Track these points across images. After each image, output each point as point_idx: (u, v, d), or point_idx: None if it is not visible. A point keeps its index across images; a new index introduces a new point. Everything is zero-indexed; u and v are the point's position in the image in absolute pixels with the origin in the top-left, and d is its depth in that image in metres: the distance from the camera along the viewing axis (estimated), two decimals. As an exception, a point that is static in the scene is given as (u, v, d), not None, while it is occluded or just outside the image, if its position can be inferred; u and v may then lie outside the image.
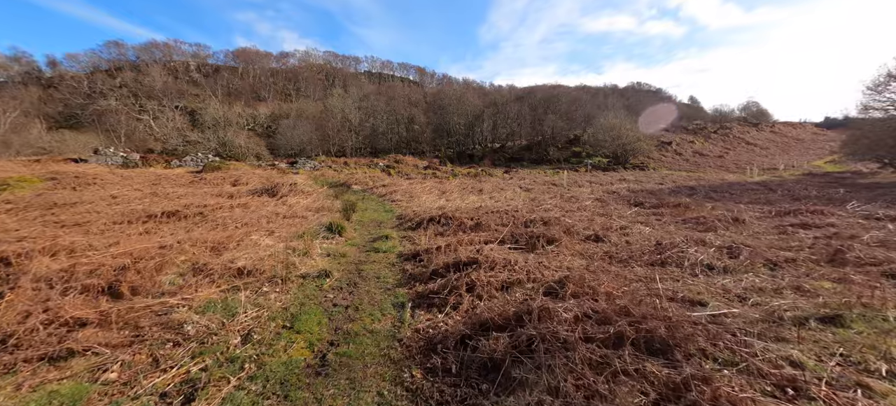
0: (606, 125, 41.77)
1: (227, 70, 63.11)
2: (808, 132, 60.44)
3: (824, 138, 57.54)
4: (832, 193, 15.97)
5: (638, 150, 39.59)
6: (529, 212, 9.80)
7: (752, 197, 14.92)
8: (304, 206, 10.90)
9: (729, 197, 14.89)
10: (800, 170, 36.13)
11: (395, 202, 12.85)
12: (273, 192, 13.26)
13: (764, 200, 13.57)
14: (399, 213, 10.72)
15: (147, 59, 57.95)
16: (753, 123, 57.65)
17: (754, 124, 57.54)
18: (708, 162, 43.80)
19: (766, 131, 56.92)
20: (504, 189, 17.53)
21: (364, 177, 19.91)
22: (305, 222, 8.58)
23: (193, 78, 59.68)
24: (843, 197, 14.07)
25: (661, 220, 9.48)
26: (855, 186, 19.91)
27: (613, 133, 39.58)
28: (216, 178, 16.64)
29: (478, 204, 12.15)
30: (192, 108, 52.41)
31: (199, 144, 42.09)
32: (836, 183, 22.50)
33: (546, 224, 8.01)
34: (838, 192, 16.75)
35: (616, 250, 6.53)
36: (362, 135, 44.78)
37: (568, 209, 10.77)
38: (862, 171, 33.97)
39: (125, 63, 56.33)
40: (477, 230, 7.33)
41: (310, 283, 4.73)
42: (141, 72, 54.88)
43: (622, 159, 40.18)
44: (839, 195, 15.32)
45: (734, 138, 52.99)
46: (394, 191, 15.01)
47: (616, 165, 38.86)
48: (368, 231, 8.48)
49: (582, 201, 12.93)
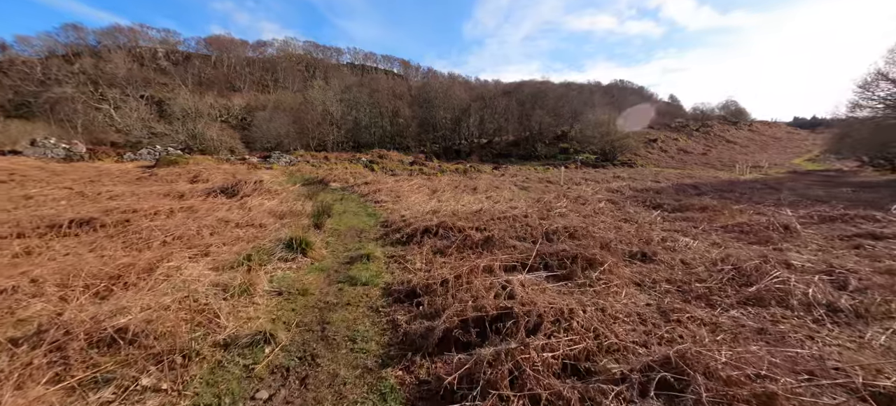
0: (594, 122, 40.70)
1: (198, 58, 58.71)
2: (782, 131, 61.38)
3: (798, 137, 58.51)
4: (842, 193, 14.93)
5: (626, 147, 38.66)
6: (542, 217, 8.01)
7: (761, 197, 13.63)
8: (267, 210, 8.76)
9: (740, 197, 13.52)
10: (783, 168, 35.96)
11: (380, 204, 10.83)
12: (233, 191, 11.00)
13: (780, 201, 12.26)
14: (384, 219, 8.72)
15: (109, 45, 53.15)
16: (732, 122, 58.03)
17: (733, 123, 57.92)
18: (693, 159, 43.41)
19: (745, 130, 57.38)
20: (499, 187, 15.72)
21: (344, 173, 17.73)
22: (262, 234, 6.50)
23: (161, 66, 55.15)
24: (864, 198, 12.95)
25: (698, 228, 7.86)
26: (853, 185, 19.12)
27: (602, 129, 38.50)
28: (170, 174, 14.16)
29: (476, 206, 10.29)
30: (159, 98, 48.45)
31: (166, 137, 38.62)
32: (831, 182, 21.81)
33: (573, 237, 6.21)
34: (845, 191, 15.76)
35: (680, 276, 4.79)
36: (344, 128, 42.17)
37: (585, 213, 9.03)
38: (843, 170, 34.00)
39: (84, 48, 51.42)
40: (489, 247, 5.45)
41: (232, 362, 2.74)
42: (102, 58, 50.27)
43: (610, 156, 39.18)
44: (853, 195, 14.27)
45: (715, 136, 53.07)
46: (378, 189, 12.96)
47: (604, 162, 37.80)
48: (345, 245, 6.48)
49: (592, 202, 11.27)
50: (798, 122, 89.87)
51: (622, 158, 39.15)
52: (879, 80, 25.36)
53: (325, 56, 67.40)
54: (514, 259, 4.90)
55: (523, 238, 6.13)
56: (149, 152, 20.84)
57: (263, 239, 6.02)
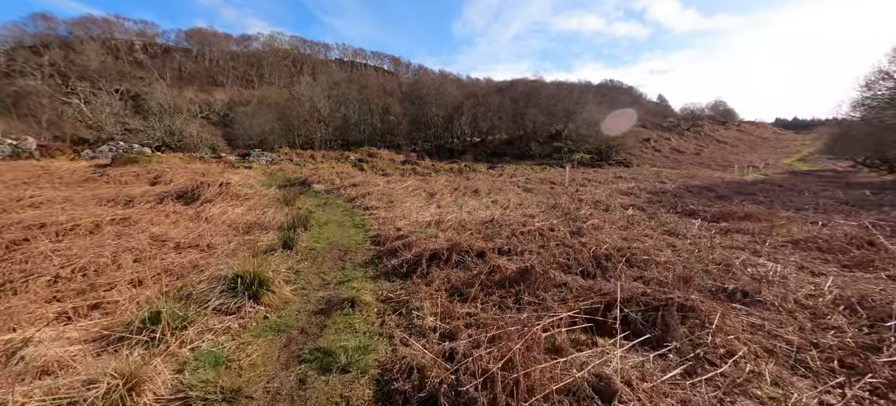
0: (589, 120, 39.40)
1: (179, 52, 55.31)
2: (769, 132, 61.39)
3: (785, 138, 58.56)
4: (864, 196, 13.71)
5: (622, 147, 37.46)
6: (572, 230, 6.32)
7: (788, 200, 12.27)
8: (228, 222, 6.87)
9: (767, 201, 12.10)
10: (778, 168, 35.25)
11: (370, 211, 9.00)
12: (192, 196, 9.04)
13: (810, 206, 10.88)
14: (375, 232, 6.91)
15: (82, 36, 49.56)
16: (721, 122, 57.67)
17: (722, 123, 57.58)
18: (686, 158, 42.60)
19: (733, 130, 57.09)
20: (502, 189, 14.03)
21: (330, 173, 15.79)
22: (205, 262, 4.63)
23: (138, 59, 51.71)
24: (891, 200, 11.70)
25: (763, 244, 6.29)
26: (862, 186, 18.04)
27: (597, 128, 37.21)
28: (126, 174, 12.04)
29: (484, 213, 8.56)
30: (135, 93, 45.38)
31: (140, 133, 35.91)
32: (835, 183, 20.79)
33: (632, 263, 4.53)
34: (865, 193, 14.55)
35: (812, 330, 3.16)
36: (333, 126, 39.92)
37: (619, 224, 7.37)
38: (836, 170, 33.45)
39: (54, 39, 47.76)
40: (530, 285, 3.71)
41: None
42: (74, 50, 46.85)
43: (606, 155, 37.96)
44: (876, 198, 13.04)
45: (706, 136, 52.53)
46: (368, 192, 11.11)
47: (600, 161, 36.56)
48: (322, 276, 4.67)
49: (616, 208, 9.66)
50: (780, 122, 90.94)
51: (618, 158, 37.97)
52: (880, 80, 24.57)
53: (312, 51, 64.54)
54: (575, 309, 3.18)
55: (568, 266, 4.42)
56: (111, 149, 18.49)
57: (202, 272, 4.16)
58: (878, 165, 30.60)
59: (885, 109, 24.04)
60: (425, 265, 4.46)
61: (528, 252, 4.99)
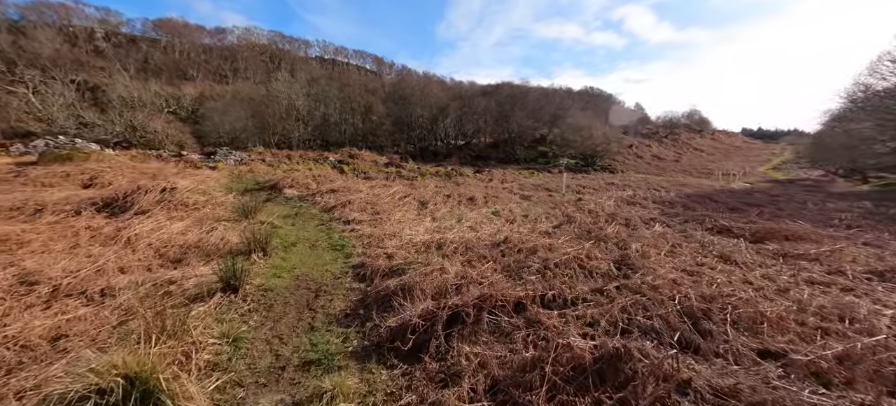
0: (575, 125, 38.73)
1: (146, 42, 51.08)
2: (740, 140, 63.06)
3: (756, 147, 60.24)
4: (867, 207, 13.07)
5: (607, 152, 36.93)
6: (614, 259, 4.84)
7: (795, 212, 11.38)
8: (156, 248, 4.98)
9: (779, 213, 11.12)
10: (756, 176, 35.52)
11: (352, 226, 7.23)
12: (123, 205, 7.02)
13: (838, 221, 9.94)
14: (360, 260, 5.19)
15: (35, 21, 44.87)
16: (697, 130, 58.68)
17: (698, 131, 58.58)
18: (668, 165, 42.63)
19: (708, 138, 58.19)
20: (499, 197, 12.53)
21: (306, 176, 13.81)
22: (79, 328, 2.82)
23: (99, 48, 47.31)
24: None
25: (849, 275, 5.02)
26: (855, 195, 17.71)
27: (584, 133, 36.51)
28: (51, 174, 9.75)
29: (490, 229, 6.99)
30: (94, 84, 41.42)
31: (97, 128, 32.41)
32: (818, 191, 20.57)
33: (736, 324, 3.05)
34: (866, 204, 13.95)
35: None
36: (312, 125, 37.50)
37: (661, 247, 5.94)
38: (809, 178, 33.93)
39: (3, 23, 43.01)
40: (619, 380, 2.14)
41: None
42: (25, 34, 42.32)
43: (591, 161, 37.35)
44: (877, 209, 12.39)
45: (683, 144, 53.17)
46: (348, 200, 9.31)
47: (586, 167, 35.85)
48: (274, 348, 2.95)
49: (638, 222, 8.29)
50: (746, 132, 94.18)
51: (602, 163, 37.44)
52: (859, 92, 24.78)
53: (292, 48, 61.28)
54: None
55: (655, 332, 2.87)
56: (46, 144, 15.78)
57: (54, 365, 2.35)
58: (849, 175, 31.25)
59: (863, 121, 24.20)
60: (441, 334, 2.80)
61: (583, 301, 3.43)
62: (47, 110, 35.48)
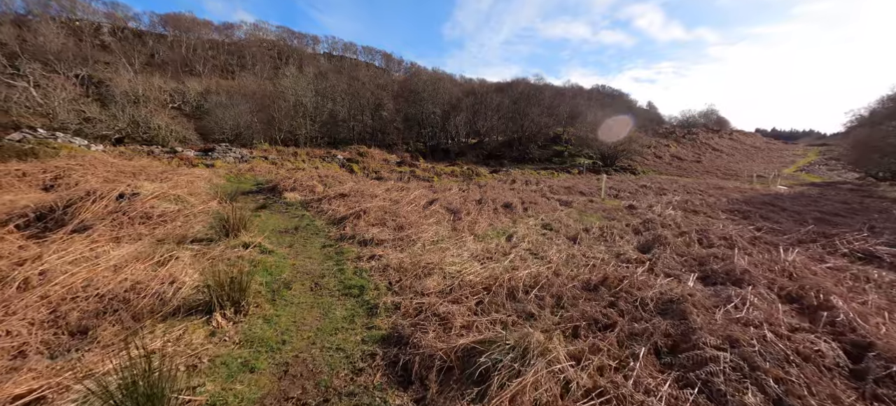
0: (593, 123, 36.50)
1: (152, 37, 49.59)
2: (760, 141, 60.17)
3: (776, 147, 57.42)
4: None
5: (627, 152, 34.62)
6: (807, 321, 2.84)
7: (882, 225, 9.20)
8: (62, 296, 3.04)
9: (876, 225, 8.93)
10: (787, 179, 33.02)
11: (370, 250, 5.23)
12: (61, 218, 5.11)
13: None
14: (390, 324, 3.22)
15: (41, 14, 43.50)
16: (715, 130, 55.99)
17: (716, 131, 55.91)
18: (687, 166, 40.18)
19: (727, 138, 55.49)
20: (537, 203, 10.44)
21: (312, 176, 11.86)
22: None
23: (105, 42, 45.85)
24: None
25: None
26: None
27: (604, 132, 34.27)
28: (3, 173, 7.90)
29: (560, 253, 5.00)
30: (99, 79, 39.97)
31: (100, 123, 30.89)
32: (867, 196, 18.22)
33: None
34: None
35: None
36: (319, 121, 35.62)
37: (851, 297, 3.92)
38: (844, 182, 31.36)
39: (6, 16, 41.68)
40: None
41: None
42: (29, 28, 40.99)
43: (610, 160, 35.06)
44: None
45: (701, 144, 50.58)
46: (363, 209, 7.34)
47: (605, 168, 33.61)
48: None
49: (742, 242, 6.25)
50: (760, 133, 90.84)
51: (622, 163, 35.14)
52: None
53: (300, 44, 59.43)
54: None
55: None
56: (22, 137, 14.02)
57: None
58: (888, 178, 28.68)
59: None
60: None
61: None
62: (48, 104, 33.98)
